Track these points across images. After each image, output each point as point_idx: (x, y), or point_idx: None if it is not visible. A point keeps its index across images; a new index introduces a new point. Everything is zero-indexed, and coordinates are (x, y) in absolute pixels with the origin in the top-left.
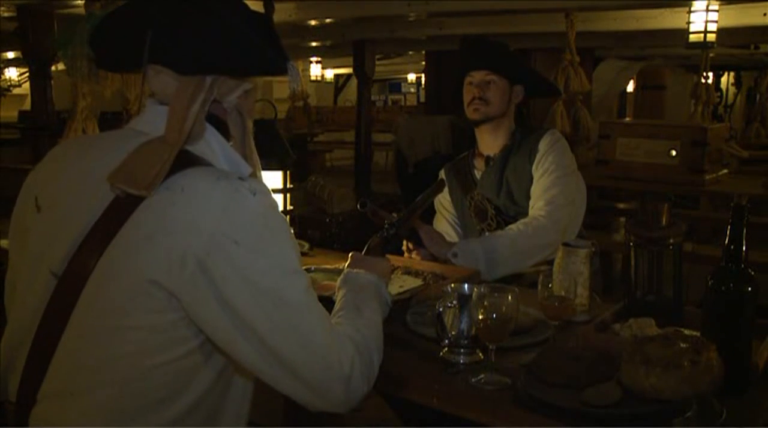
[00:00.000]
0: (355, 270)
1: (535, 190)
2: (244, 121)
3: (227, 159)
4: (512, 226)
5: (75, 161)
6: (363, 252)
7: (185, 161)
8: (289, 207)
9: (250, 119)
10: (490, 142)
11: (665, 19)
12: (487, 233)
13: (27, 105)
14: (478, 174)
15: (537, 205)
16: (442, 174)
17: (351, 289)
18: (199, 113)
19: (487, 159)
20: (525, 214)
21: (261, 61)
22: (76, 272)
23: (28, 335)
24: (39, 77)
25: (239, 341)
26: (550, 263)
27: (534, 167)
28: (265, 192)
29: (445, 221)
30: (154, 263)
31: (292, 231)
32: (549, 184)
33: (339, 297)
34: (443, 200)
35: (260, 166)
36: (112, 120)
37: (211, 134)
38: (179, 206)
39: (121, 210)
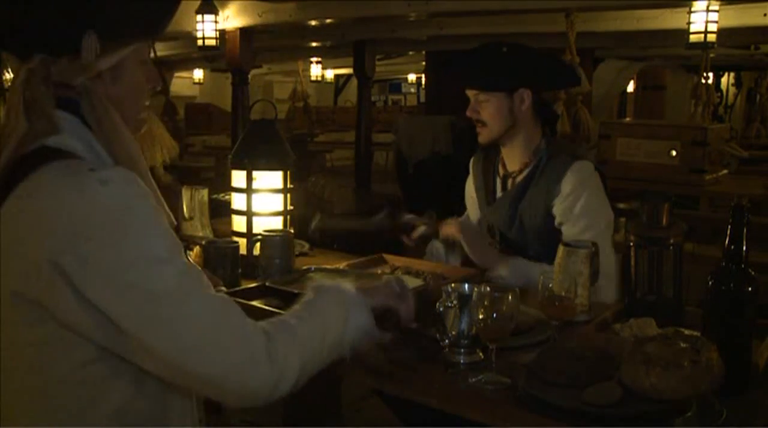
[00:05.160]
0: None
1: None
2: (96, 107)
3: (91, 150)
4: (546, 267)
5: None
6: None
7: (38, 159)
8: (289, 207)
9: (125, 105)
10: (508, 158)
11: (665, 19)
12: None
13: None
14: (499, 184)
15: None
16: (473, 161)
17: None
18: (32, 99)
19: (504, 179)
20: (533, 249)
21: (49, 31)
22: None
23: None
24: None
25: (116, 343)
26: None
27: (555, 210)
28: (121, 180)
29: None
30: (14, 275)
31: (292, 231)
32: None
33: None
34: (470, 199)
35: (137, 156)
36: None
37: (70, 124)
38: (27, 213)
39: None
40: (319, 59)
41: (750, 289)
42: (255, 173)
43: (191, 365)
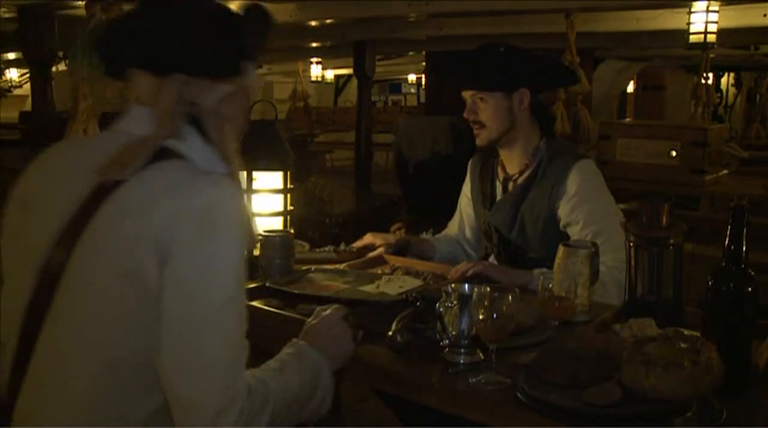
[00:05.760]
0: (308, 344)
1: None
2: (221, 124)
3: (206, 160)
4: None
5: (54, 165)
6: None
7: (160, 155)
8: (289, 207)
9: (236, 122)
10: (508, 161)
11: (665, 19)
12: (492, 257)
13: (28, 106)
14: (499, 188)
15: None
16: (470, 163)
17: (291, 355)
18: (170, 111)
19: (505, 182)
20: (534, 251)
21: (210, 62)
22: (53, 264)
23: (14, 334)
24: (40, 78)
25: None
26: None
27: (560, 211)
28: (230, 188)
29: (457, 221)
30: (114, 247)
31: (292, 231)
32: (605, 249)
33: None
34: (465, 198)
35: (240, 171)
36: (112, 121)
37: (192, 135)
38: (138, 192)
39: (93, 202)
40: (319, 60)
41: (750, 289)
42: (255, 174)
43: (177, 382)
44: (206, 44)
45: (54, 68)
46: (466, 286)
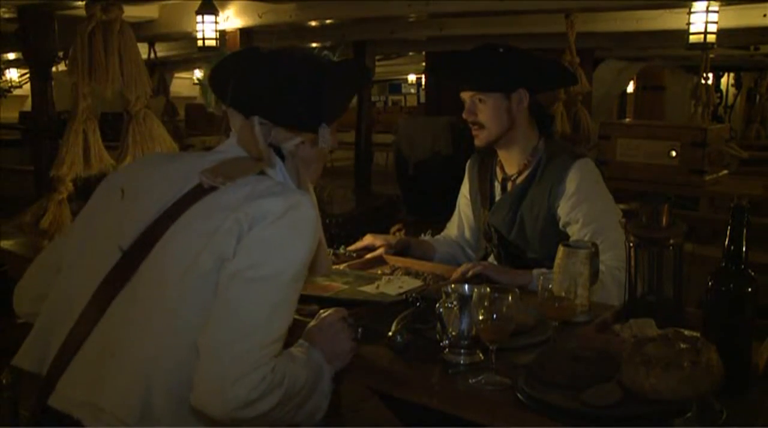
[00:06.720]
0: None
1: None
2: (297, 167)
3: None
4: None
5: (159, 166)
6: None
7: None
8: None
9: (312, 167)
10: (506, 161)
11: (665, 19)
12: (492, 257)
13: (28, 106)
14: (498, 188)
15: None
16: (468, 164)
17: (299, 351)
18: (256, 146)
19: (504, 182)
20: (534, 251)
21: (288, 116)
22: (141, 246)
23: (76, 306)
24: (39, 78)
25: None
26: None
27: (560, 210)
28: (310, 206)
29: (456, 222)
30: (204, 232)
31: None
32: (604, 247)
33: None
34: (464, 199)
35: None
36: (112, 121)
37: (280, 166)
38: (233, 194)
39: (189, 198)
40: None
41: (750, 290)
42: None
43: (221, 333)
44: (287, 100)
45: (54, 68)
46: (466, 287)
